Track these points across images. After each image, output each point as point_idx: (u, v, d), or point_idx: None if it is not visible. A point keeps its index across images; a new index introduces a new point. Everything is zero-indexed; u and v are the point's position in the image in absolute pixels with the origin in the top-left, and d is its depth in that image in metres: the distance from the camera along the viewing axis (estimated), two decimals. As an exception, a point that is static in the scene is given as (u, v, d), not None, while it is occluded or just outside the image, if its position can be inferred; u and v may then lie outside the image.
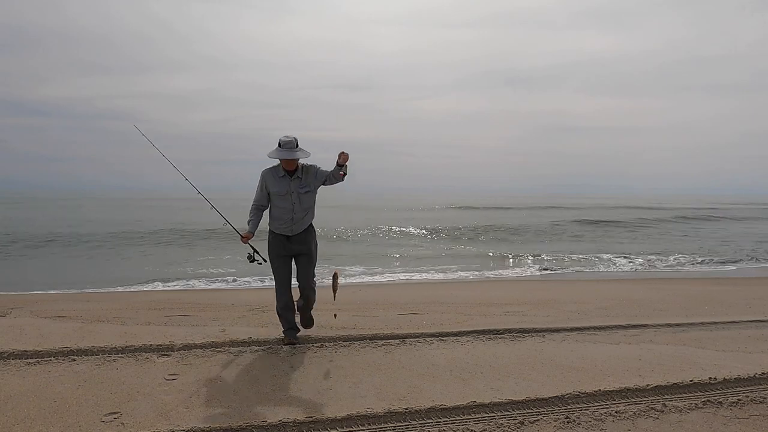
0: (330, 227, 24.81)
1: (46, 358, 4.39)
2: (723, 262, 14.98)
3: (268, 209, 4.80)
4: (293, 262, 4.87)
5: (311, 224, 4.87)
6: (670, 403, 3.62)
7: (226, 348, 4.74)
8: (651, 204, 67.81)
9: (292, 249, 4.78)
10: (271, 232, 4.82)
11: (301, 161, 4.71)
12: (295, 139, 4.56)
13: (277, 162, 4.69)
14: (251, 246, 4.88)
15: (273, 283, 4.89)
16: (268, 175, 4.73)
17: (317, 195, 4.85)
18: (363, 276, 12.06)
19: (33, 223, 26.21)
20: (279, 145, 4.55)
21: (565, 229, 27.37)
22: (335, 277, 4.87)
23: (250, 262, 4.94)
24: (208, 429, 3.14)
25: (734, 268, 14.07)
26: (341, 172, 4.59)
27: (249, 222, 4.72)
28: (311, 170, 4.72)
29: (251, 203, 4.81)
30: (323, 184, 4.73)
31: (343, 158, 4.56)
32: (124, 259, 15.17)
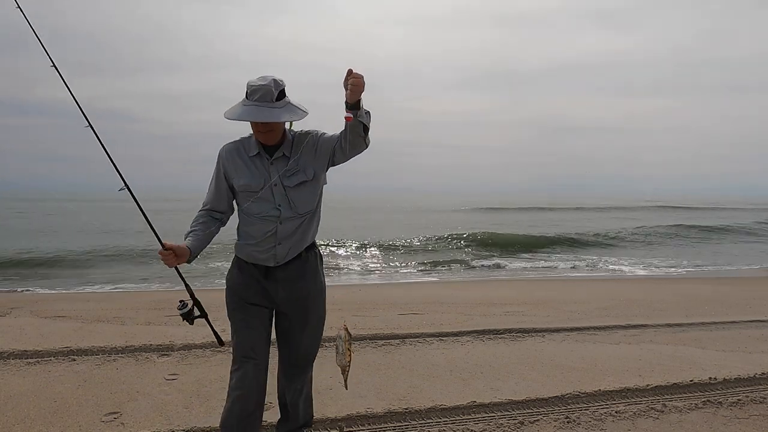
0: (386, 237, 20.67)
1: (46, 358, 4.39)
2: None
3: (237, 225, 2.61)
4: (274, 322, 2.68)
5: (314, 245, 2.66)
6: (670, 403, 3.62)
7: (226, 348, 4.74)
8: (693, 203, 62.85)
9: (276, 293, 2.55)
10: (237, 260, 2.61)
11: (292, 126, 2.55)
12: (277, 84, 2.35)
13: (247, 131, 2.53)
14: (183, 281, 2.59)
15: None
16: (230, 155, 2.52)
17: (324, 188, 2.64)
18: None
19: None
20: (246, 94, 2.37)
21: (674, 234, 23.68)
22: (345, 339, 2.53)
23: (185, 319, 2.54)
24: (208, 429, 3.14)
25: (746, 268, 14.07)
26: (356, 117, 2.27)
27: (188, 234, 2.50)
28: (308, 140, 2.50)
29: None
30: (333, 163, 2.51)
31: (353, 84, 2.21)
32: (124, 260, 15.17)
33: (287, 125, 2.51)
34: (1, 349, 4.56)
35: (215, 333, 2.70)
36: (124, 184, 2.55)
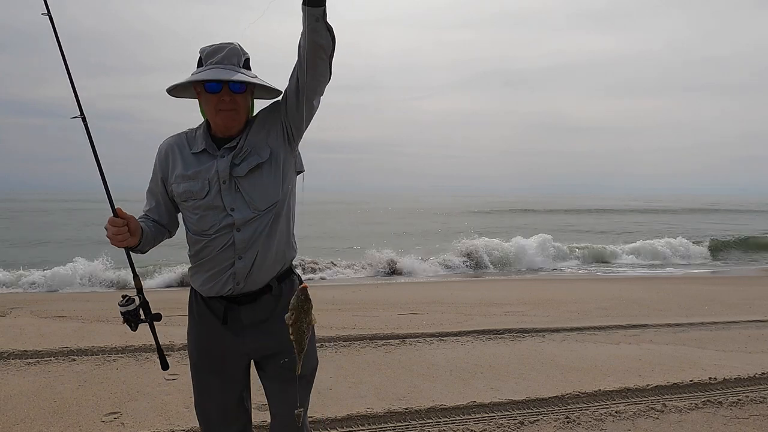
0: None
1: (46, 358, 4.39)
2: None
3: (189, 247, 1.94)
4: (249, 374, 2.06)
5: (291, 271, 2.00)
6: (670, 403, 3.62)
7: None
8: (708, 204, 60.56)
9: (243, 345, 1.93)
10: (194, 294, 2.00)
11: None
12: (243, 50, 1.85)
13: (196, 121, 1.97)
14: (133, 269, 2.03)
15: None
16: (169, 152, 1.92)
17: (295, 175, 1.96)
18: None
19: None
20: (200, 60, 1.83)
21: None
22: (301, 303, 1.65)
23: (126, 320, 1.91)
24: (208, 429, 3.14)
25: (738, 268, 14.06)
26: (312, 16, 1.60)
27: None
28: (258, 115, 1.92)
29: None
30: (290, 123, 1.85)
31: None
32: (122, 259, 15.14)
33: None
34: (1, 349, 4.56)
35: (159, 352, 2.07)
36: (79, 112, 1.93)
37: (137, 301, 1.93)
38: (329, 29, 1.66)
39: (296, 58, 1.75)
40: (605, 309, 6.86)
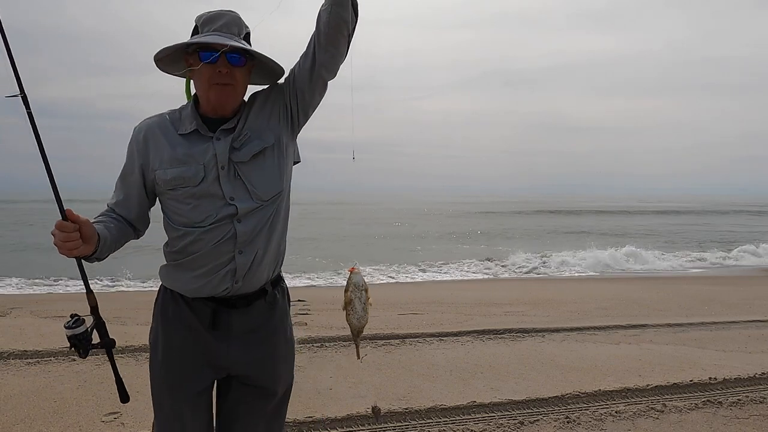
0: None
1: (46, 358, 4.39)
2: None
3: (166, 243, 1.71)
4: (215, 397, 1.81)
5: (280, 278, 1.82)
6: (670, 403, 3.61)
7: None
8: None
9: (227, 353, 1.69)
10: (166, 298, 1.73)
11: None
12: (243, 22, 1.67)
13: (181, 100, 1.76)
14: (86, 282, 1.70)
15: None
16: (150, 134, 1.66)
17: (293, 164, 1.78)
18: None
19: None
20: (197, 28, 1.63)
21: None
22: (364, 287, 1.77)
23: (73, 345, 1.60)
24: (207, 429, 3.14)
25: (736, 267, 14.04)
26: None
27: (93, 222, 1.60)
28: (258, 96, 1.74)
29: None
30: (298, 99, 1.69)
31: None
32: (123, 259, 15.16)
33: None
34: (1, 349, 4.56)
35: (118, 382, 1.78)
36: (19, 89, 1.53)
37: (86, 324, 1.60)
38: (354, 4, 1.56)
39: (296, 58, 1.67)
40: (605, 309, 6.86)
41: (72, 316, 1.59)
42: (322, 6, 1.57)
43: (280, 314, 1.76)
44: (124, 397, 1.78)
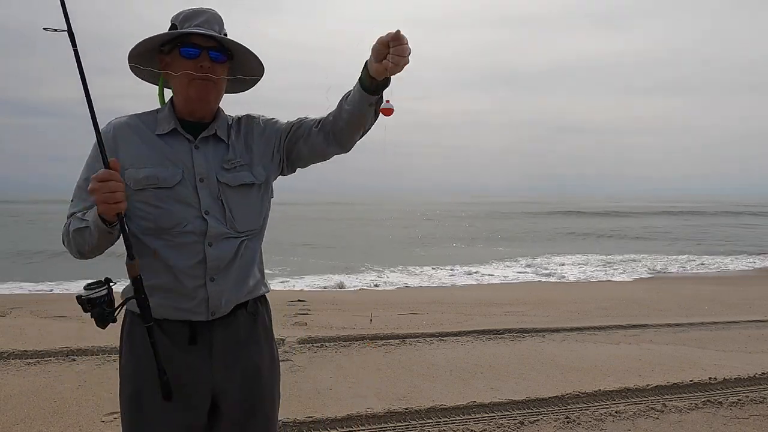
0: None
1: (46, 358, 4.39)
2: None
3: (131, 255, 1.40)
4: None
5: (265, 295, 1.68)
6: (670, 403, 3.61)
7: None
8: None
9: (209, 372, 1.52)
10: (131, 317, 1.53)
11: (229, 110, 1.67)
12: (220, 17, 1.55)
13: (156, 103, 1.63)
14: (127, 245, 1.40)
15: None
16: (121, 133, 1.53)
17: (272, 197, 1.69)
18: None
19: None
20: (175, 25, 1.53)
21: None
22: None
23: (93, 312, 1.36)
24: (208, 429, 3.14)
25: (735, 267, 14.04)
26: (381, 99, 1.51)
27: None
28: (255, 124, 1.65)
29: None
30: (294, 158, 1.67)
31: (399, 53, 1.36)
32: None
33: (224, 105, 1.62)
34: (1, 349, 4.56)
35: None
36: (66, 25, 1.38)
37: (105, 290, 1.39)
38: (377, 113, 1.53)
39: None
40: (605, 309, 6.87)
41: (89, 286, 1.39)
42: (345, 101, 1.53)
43: (263, 327, 1.64)
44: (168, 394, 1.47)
